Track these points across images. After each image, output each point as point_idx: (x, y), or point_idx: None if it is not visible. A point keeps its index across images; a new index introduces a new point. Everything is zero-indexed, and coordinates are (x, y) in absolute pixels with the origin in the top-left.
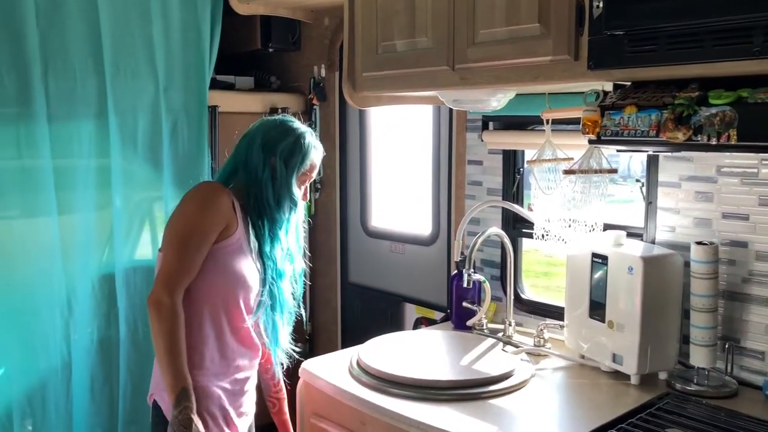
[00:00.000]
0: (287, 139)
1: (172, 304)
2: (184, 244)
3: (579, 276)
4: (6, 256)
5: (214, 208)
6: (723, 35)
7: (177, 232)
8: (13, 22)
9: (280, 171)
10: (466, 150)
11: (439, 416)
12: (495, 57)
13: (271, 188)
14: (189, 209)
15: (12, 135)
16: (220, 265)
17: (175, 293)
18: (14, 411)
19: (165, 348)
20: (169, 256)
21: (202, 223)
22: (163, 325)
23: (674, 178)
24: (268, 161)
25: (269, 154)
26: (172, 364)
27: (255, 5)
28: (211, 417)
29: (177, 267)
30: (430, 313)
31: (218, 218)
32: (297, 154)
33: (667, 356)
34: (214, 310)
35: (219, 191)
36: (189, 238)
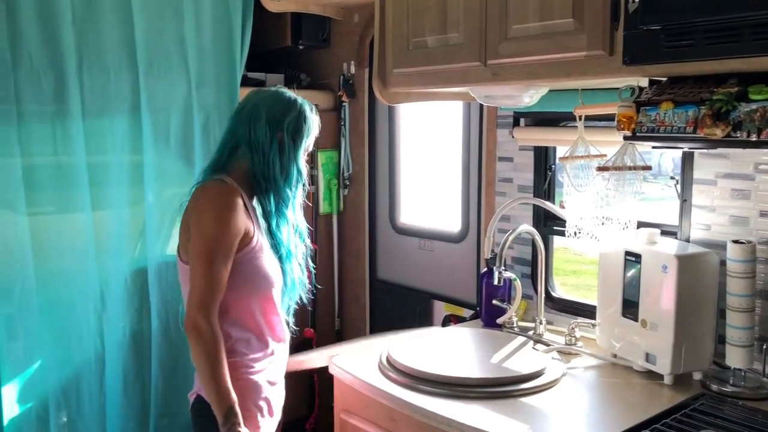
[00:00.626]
0: (292, 113)
1: (209, 328)
2: (209, 264)
3: (612, 274)
4: (41, 251)
5: (231, 219)
6: (763, 29)
7: (201, 253)
8: (50, 22)
9: (288, 146)
10: (496, 146)
11: (469, 414)
12: (528, 52)
13: (279, 164)
14: (208, 226)
15: (48, 132)
16: (248, 273)
17: (211, 315)
18: (50, 402)
19: (208, 372)
20: (197, 278)
21: (224, 239)
22: (204, 349)
23: (710, 175)
24: (275, 137)
25: (276, 129)
26: (216, 385)
27: (286, 2)
28: (258, 410)
29: (207, 288)
30: (458, 310)
31: (237, 229)
32: (303, 127)
33: (702, 356)
34: (249, 311)
35: (231, 196)
36: (213, 256)
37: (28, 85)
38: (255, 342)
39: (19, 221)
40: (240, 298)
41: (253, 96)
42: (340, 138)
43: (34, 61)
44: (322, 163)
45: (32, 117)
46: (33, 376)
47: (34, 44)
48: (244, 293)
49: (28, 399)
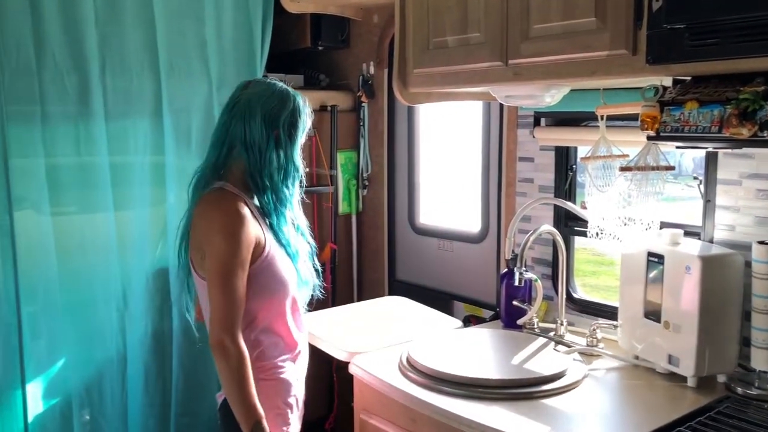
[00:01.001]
0: (287, 108)
1: (234, 347)
2: (227, 283)
3: (634, 275)
4: (65, 250)
5: (242, 234)
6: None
7: (217, 274)
8: (73, 25)
9: (284, 143)
10: (516, 146)
11: (489, 415)
12: (549, 52)
13: (276, 163)
14: (220, 248)
15: (72, 133)
16: (267, 280)
17: (235, 332)
18: (73, 400)
19: (236, 389)
20: (217, 298)
21: (237, 257)
22: (230, 367)
23: (734, 175)
24: (272, 135)
25: (272, 127)
26: (244, 402)
27: (305, 3)
28: (289, 407)
29: (228, 307)
30: (478, 311)
31: (249, 242)
32: (298, 122)
33: (726, 358)
34: (275, 315)
35: (237, 209)
36: (229, 275)
37: (52, 86)
38: (283, 343)
39: (42, 221)
40: (264, 306)
41: (243, 91)
42: (359, 138)
43: (58, 62)
44: (342, 164)
45: (56, 118)
46: (56, 374)
47: (58, 46)
48: (267, 300)
49: (51, 397)
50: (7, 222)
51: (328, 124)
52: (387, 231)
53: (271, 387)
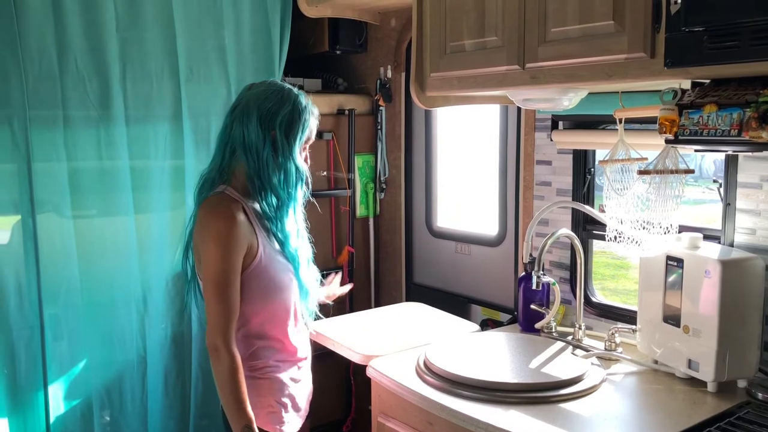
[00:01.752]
0: (285, 108)
1: (227, 351)
2: (220, 290)
3: (653, 279)
4: (86, 253)
5: (233, 242)
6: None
7: (210, 281)
8: (95, 30)
9: (281, 144)
10: (534, 150)
11: (507, 419)
12: (567, 55)
13: (274, 164)
14: (213, 255)
15: (93, 137)
16: (260, 285)
17: (228, 337)
18: (94, 401)
19: (227, 392)
20: (211, 304)
21: (229, 264)
22: (222, 371)
23: (755, 178)
24: (268, 136)
25: (268, 128)
26: (234, 403)
27: (323, 8)
28: (282, 406)
29: (221, 312)
30: (495, 314)
31: (240, 248)
32: (297, 122)
33: (746, 363)
34: (268, 320)
35: (231, 216)
36: (222, 282)
37: (74, 91)
38: (278, 346)
39: (64, 224)
40: (259, 311)
41: (246, 92)
42: (377, 142)
43: (79, 68)
44: (359, 167)
45: (78, 122)
46: (78, 375)
47: (80, 52)
48: (262, 305)
49: (73, 398)
50: (30, 225)
51: (345, 127)
52: (404, 234)
53: (264, 385)
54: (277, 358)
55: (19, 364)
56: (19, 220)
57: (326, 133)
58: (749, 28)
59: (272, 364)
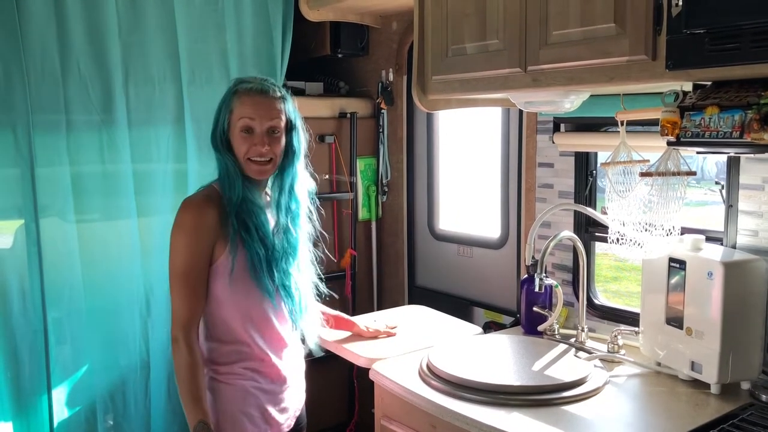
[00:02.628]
0: (218, 104)
1: (185, 345)
2: (183, 283)
3: (655, 281)
4: (89, 257)
5: (198, 232)
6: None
7: (173, 273)
8: (97, 35)
9: (210, 138)
10: (536, 152)
11: (510, 421)
12: (568, 58)
13: (217, 160)
14: (175, 248)
15: (96, 141)
16: (226, 287)
17: (187, 331)
18: (97, 405)
19: (182, 386)
20: (173, 297)
21: (192, 254)
22: (178, 364)
23: (757, 180)
24: (210, 139)
25: (211, 131)
26: (189, 398)
27: (325, 12)
28: (247, 417)
29: (183, 306)
30: (498, 317)
31: (207, 241)
32: (217, 110)
33: (750, 365)
34: (235, 323)
35: (200, 208)
36: (185, 276)
37: (76, 95)
38: (246, 351)
39: (67, 228)
40: (224, 308)
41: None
42: (379, 145)
43: (82, 72)
44: (361, 170)
45: (80, 126)
46: (81, 379)
47: (83, 56)
48: (227, 307)
49: (76, 402)
50: (33, 229)
51: (347, 130)
52: (406, 237)
53: (228, 392)
54: (245, 365)
55: (22, 367)
56: (22, 224)
57: (328, 136)
58: (750, 30)
59: (238, 370)
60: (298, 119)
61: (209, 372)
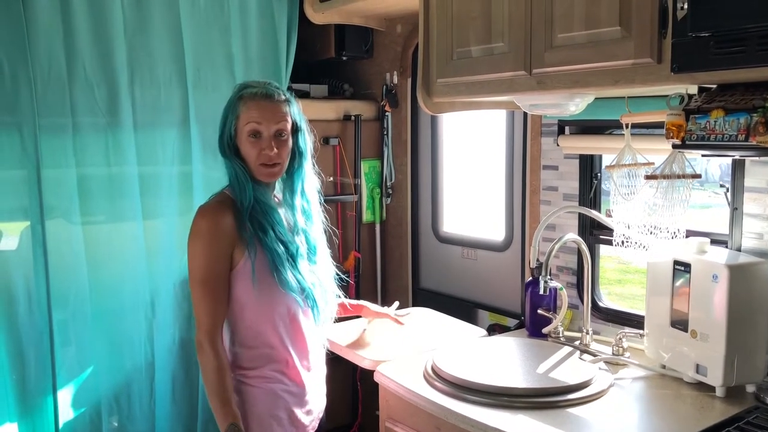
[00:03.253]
0: (223, 111)
1: (211, 349)
2: (204, 290)
3: (660, 284)
4: (94, 259)
5: (216, 237)
6: None
7: (193, 281)
8: (103, 38)
9: (218, 145)
10: (541, 155)
11: (515, 423)
12: (574, 61)
13: (227, 166)
14: (194, 256)
15: (101, 143)
16: (248, 291)
17: (212, 336)
18: (102, 407)
19: (211, 390)
20: (195, 304)
21: (212, 260)
22: (205, 369)
23: (762, 183)
24: (220, 145)
25: (218, 138)
26: (218, 402)
27: (329, 14)
28: (276, 420)
29: (206, 312)
30: (503, 319)
31: (225, 246)
32: (222, 116)
33: (755, 368)
34: (260, 327)
35: (216, 214)
36: (205, 282)
37: (82, 98)
38: (273, 354)
39: (73, 230)
40: (249, 316)
41: None
42: (383, 147)
43: (88, 75)
44: (365, 173)
45: (86, 129)
46: (86, 381)
47: (89, 59)
48: (252, 309)
49: (81, 403)
50: (39, 231)
51: (352, 133)
52: (411, 239)
53: (256, 395)
54: (272, 367)
55: (28, 369)
56: (28, 226)
57: (333, 138)
58: (756, 33)
59: (267, 374)
60: (303, 121)
61: (237, 376)
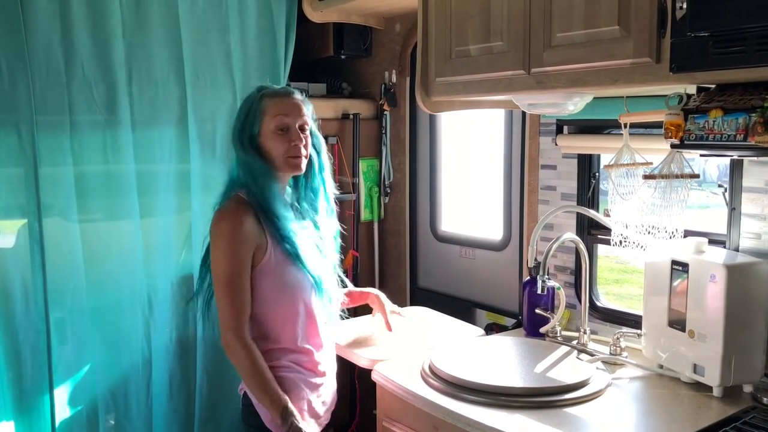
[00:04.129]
0: (239, 117)
1: (240, 343)
2: (228, 289)
3: (658, 283)
4: (92, 257)
5: (239, 243)
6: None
7: (218, 281)
8: (101, 36)
9: (236, 147)
10: (539, 154)
11: (512, 423)
12: (572, 60)
13: (242, 167)
14: (220, 256)
15: (99, 141)
16: (270, 286)
17: (240, 332)
18: (99, 405)
19: (252, 382)
20: (221, 303)
21: (235, 265)
22: (241, 363)
23: (760, 183)
24: (234, 146)
25: (233, 140)
26: (264, 392)
27: (328, 13)
28: (297, 410)
29: (232, 310)
30: (500, 319)
31: (247, 249)
32: (240, 118)
33: (752, 368)
34: (280, 321)
35: (236, 216)
36: (229, 282)
37: (80, 96)
38: (292, 347)
39: (70, 228)
40: (268, 309)
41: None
42: (382, 146)
43: (86, 73)
44: (364, 172)
45: (84, 127)
46: (83, 379)
47: (87, 57)
48: (272, 304)
49: (78, 401)
50: (36, 229)
51: (350, 132)
52: (409, 238)
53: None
54: (291, 359)
55: (25, 367)
56: (25, 224)
57: (331, 137)
58: (755, 33)
59: (286, 364)
60: (314, 123)
61: None
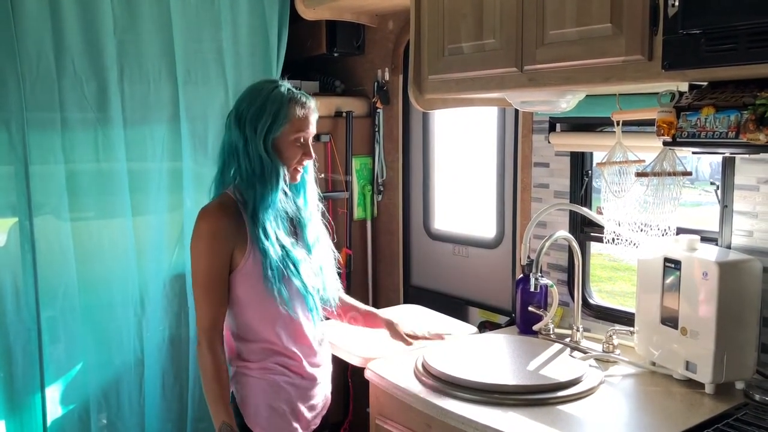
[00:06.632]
0: (255, 102)
1: (209, 350)
2: (205, 290)
3: (650, 281)
4: (83, 256)
5: (216, 247)
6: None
7: (195, 282)
8: (93, 33)
9: (250, 137)
10: (532, 152)
11: (505, 421)
12: (565, 58)
13: (247, 158)
14: (196, 258)
15: (91, 139)
16: (248, 289)
17: (210, 336)
18: (91, 404)
19: (208, 388)
20: (197, 302)
21: (211, 268)
22: (203, 369)
23: (752, 180)
24: (243, 133)
25: (242, 125)
26: (212, 398)
27: (321, 10)
28: (278, 412)
29: (206, 312)
30: (493, 317)
31: (224, 254)
32: (265, 113)
33: (744, 365)
34: (260, 324)
35: (215, 219)
36: (206, 284)
37: (71, 93)
38: (276, 348)
39: (62, 226)
40: (249, 314)
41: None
42: (375, 144)
43: (77, 70)
44: (357, 170)
45: (75, 124)
46: (75, 378)
47: (78, 54)
48: (251, 306)
49: (70, 400)
50: (27, 227)
51: (343, 130)
52: (402, 236)
53: (259, 385)
54: (277, 360)
55: (16, 366)
56: (16, 222)
57: (324, 135)
58: (746, 30)
59: (271, 366)
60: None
61: (241, 368)
